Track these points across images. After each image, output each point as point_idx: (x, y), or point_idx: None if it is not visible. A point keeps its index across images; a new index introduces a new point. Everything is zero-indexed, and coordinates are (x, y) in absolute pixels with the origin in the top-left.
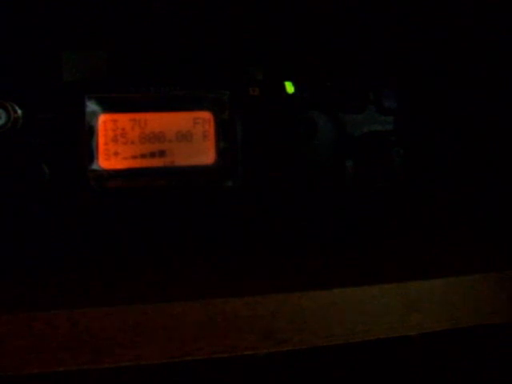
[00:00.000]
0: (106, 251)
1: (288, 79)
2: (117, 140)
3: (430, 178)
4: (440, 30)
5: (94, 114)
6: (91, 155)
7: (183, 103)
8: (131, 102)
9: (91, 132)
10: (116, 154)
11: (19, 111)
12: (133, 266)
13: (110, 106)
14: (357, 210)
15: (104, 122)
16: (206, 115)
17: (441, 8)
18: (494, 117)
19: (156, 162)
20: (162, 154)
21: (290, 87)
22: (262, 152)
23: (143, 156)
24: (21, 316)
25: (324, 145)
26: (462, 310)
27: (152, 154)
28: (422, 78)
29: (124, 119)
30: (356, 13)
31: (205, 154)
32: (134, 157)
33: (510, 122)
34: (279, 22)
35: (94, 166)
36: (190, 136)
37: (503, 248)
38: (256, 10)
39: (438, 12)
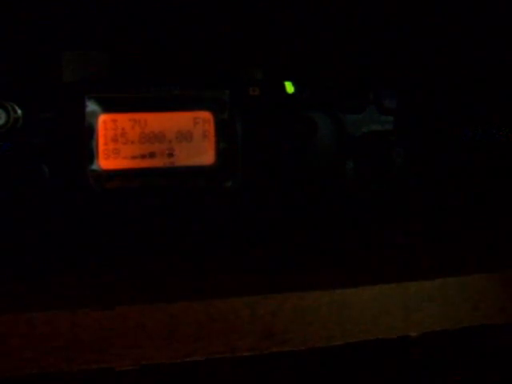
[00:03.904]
0: (105, 251)
1: (288, 79)
2: (117, 140)
3: (429, 178)
4: (440, 29)
5: (94, 114)
6: (91, 155)
7: (183, 103)
8: (131, 102)
9: (91, 132)
10: (116, 154)
11: (19, 111)
12: (133, 265)
13: (110, 106)
14: (357, 210)
15: (104, 122)
16: (206, 115)
17: (441, 8)
18: (494, 116)
19: (156, 162)
20: (161, 154)
21: (290, 87)
22: (262, 152)
23: (143, 156)
24: (21, 316)
25: (324, 145)
26: (461, 309)
27: (152, 154)
28: (422, 78)
29: (124, 119)
30: (356, 12)
31: (205, 154)
32: (134, 157)
33: (510, 122)
34: (279, 22)
35: (94, 166)
36: (190, 136)
37: (503, 248)
38: (256, 9)
39: (438, 12)
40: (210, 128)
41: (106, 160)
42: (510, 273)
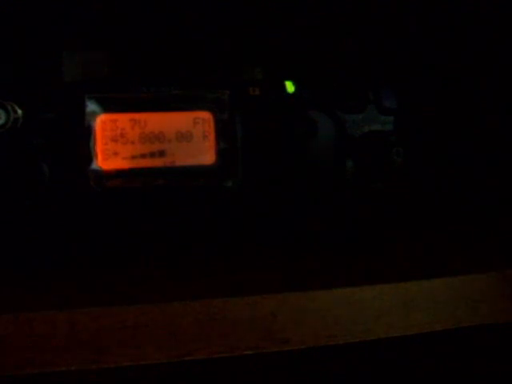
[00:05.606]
0: (105, 251)
1: (288, 78)
2: (117, 140)
3: (430, 177)
4: (440, 29)
5: (94, 114)
6: (91, 155)
7: (183, 103)
8: (131, 102)
9: (91, 132)
10: (116, 154)
11: (19, 111)
12: (133, 265)
13: (110, 106)
14: (357, 210)
15: (104, 122)
16: (206, 115)
17: (440, 8)
18: (494, 116)
19: (156, 162)
20: (161, 154)
21: (290, 87)
22: (262, 152)
23: (143, 156)
24: (21, 316)
25: (324, 145)
26: (461, 309)
27: (152, 154)
28: (422, 78)
29: (124, 119)
30: (356, 12)
31: (205, 154)
32: (134, 157)
33: (510, 122)
34: (279, 22)
35: (94, 166)
36: (189, 136)
37: (503, 248)
38: (256, 9)
39: (438, 12)
40: (210, 128)
41: (106, 160)
42: (510, 273)
